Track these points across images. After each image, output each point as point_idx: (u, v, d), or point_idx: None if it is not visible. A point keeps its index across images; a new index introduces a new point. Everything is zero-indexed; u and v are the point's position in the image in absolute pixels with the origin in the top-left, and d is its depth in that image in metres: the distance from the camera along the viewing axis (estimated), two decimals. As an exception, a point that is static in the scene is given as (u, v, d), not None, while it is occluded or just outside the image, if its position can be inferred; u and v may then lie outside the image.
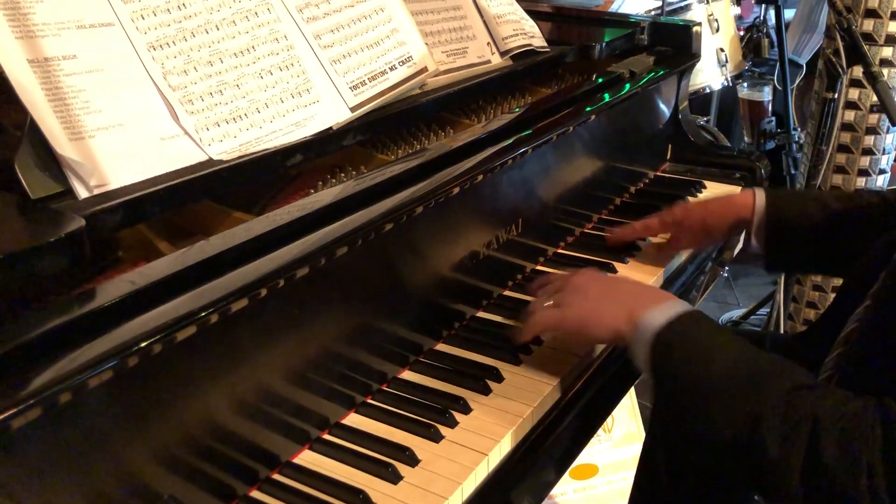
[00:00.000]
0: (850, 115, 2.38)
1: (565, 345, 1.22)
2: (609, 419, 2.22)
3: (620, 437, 2.23)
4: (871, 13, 2.28)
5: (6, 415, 0.67)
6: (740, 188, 1.83)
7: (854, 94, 2.35)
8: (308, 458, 0.99)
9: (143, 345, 0.77)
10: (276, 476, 0.96)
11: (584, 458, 2.18)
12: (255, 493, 0.94)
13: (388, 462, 0.97)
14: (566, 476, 2.11)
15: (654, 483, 1.54)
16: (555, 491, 2.10)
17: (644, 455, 1.62)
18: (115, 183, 0.92)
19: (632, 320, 1.04)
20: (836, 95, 2.07)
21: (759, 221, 1.38)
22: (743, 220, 1.41)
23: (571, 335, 1.18)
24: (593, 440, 2.18)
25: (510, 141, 1.29)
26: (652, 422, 1.61)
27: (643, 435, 2.22)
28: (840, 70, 1.99)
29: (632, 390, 2.26)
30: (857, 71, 2.17)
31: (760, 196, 1.40)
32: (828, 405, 0.86)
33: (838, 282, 2.23)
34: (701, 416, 0.95)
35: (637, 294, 1.10)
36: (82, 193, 0.89)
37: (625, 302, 1.07)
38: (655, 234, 1.52)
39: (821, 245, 1.36)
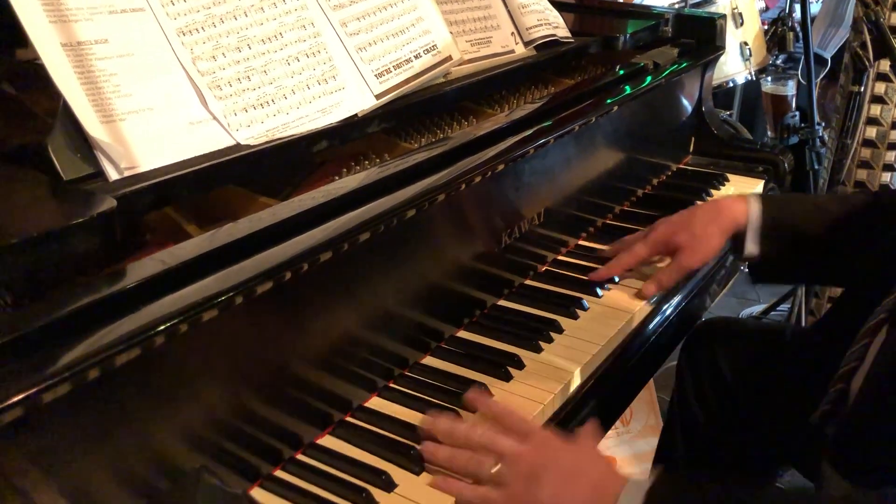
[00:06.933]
0: (875, 110, 2.36)
1: (584, 335, 1.22)
2: (627, 412, 2.22)
3: (639, 430, 2.23)
4: (899, 6, 2.25)
5: (37, 389, 0.69)
6: (762, 181, 1.82)
7: (881, 87, 2.32)
8: (331, 440, 1.00)
9: (170, 324, 0.79)
10: (300, 456, 0.98)
11: (601, 449, 2.18)
12: (280, 473, 0.95)
13: (410, 445, 0.98)
14: (584, 467, 2.11)
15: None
16: (572, 482, 2.10)
17: (661, 447, 1.62)
18: (144, 166, 0.93)
19: None
20: (861, 89, 2.05)
21: (756, 227, 1.32)
22: (738, 227, 1.33)
23: None
24: (611, 432, 2.18)
25: (532, 131, 1.29)
26: (669, 415, 1.61)
27: (661, 427, 2.21)
28: (867, 63, 1.97)
29: (651, 384, 2.26)
30: (884, 65, 2.14)
31: (754, 201, 1.33)
32: None
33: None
34: None
35: (599, 480, 0.91)
36: (113, 175, 0.91)
37: (587, 493, 0.90)
38: (645, 260, 1.38)
39: (820, 250, 1.31)
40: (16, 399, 0.67)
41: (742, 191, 1.78)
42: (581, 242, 1.52)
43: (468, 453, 0.94)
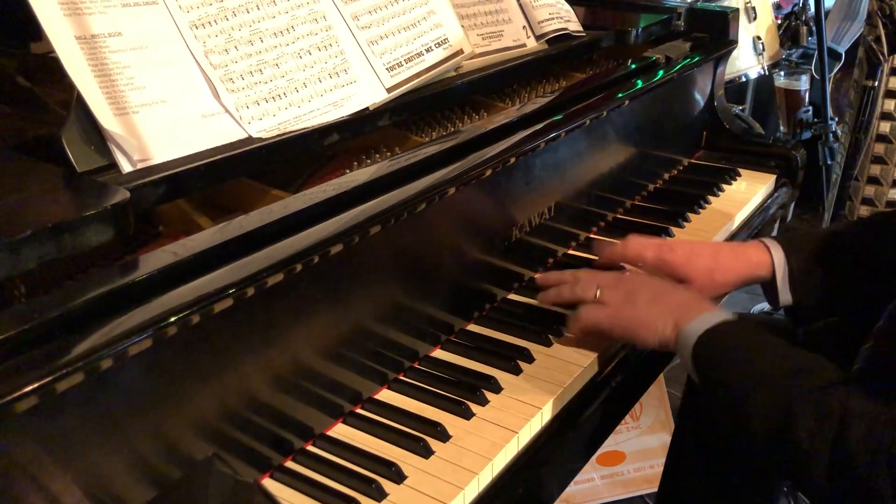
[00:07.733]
0: (889, 105, 2.34)
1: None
2: (637, 407, 2.21)
3: (648, 425, 2.23)
4: (915, 0, 2.24)
5: (51, 378, 0.70)
6: (774, 176, 1.81)
7: (895, 82, 2.31)
8: (341, 431, 1.01)
9: (182, 315, 0.79)
10: (311, 447, 0.98)
11: (611, 444, 2.18)
12: (290, 464, 0.96)
13: (419, 436, 0.98)
14: (593, 462, 2.11)
15: (685, 471, 1.55)
16: (581, 477, 2.10)
17: (674, 443, 1.62)
18: (157, 158, 0.94)
19: (676, 330, 1.09)
20: (876, 84, 2.04)
21: (784, 276, 1.27)
22: (758, 279, 1.29)
23: (616, 336, 1.18)
24: (620, 427, 2.18)
25: (543, 125, 1.29)
26: (681, 411, 1.61)
27: (671, 423, 2.21)
28: (881, 58, 1.95)
29: (661, 379, 2.25)
30: (899, 59, 2.13)
31: (777, 251, 1.27)
32: (856, 400, 0.90)
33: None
34: (738, 413, 1.00)
35: (682, 304, 1.12)
36: (126, 167, 0.91)
37: (671, 311, 1.11)
38: (648, 264, 1.29)
39: (853, 279, 1.26)
40: (30, 388, 0.68)
41: (754, 186, 1.77)
42: (592, 237, 1.52)
43: (576, 283, 1.20)
